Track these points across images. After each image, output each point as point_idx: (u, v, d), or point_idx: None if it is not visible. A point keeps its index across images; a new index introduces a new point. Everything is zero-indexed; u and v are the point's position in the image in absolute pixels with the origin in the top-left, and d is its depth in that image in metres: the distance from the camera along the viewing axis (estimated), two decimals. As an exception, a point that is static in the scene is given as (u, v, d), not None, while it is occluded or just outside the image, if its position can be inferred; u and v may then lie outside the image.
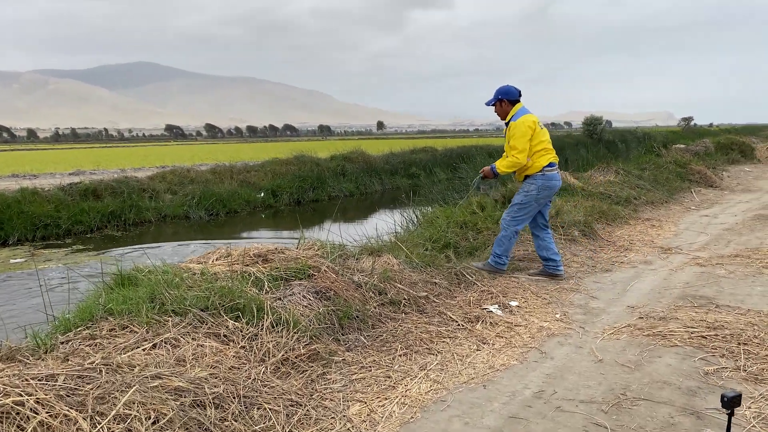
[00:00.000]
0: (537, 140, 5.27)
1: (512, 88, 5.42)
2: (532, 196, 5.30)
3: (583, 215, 7.76)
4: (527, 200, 5.31)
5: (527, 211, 5.37)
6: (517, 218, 5.38)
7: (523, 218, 5.40)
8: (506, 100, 5.39)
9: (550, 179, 5.35)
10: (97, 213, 13.07)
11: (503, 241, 5.40)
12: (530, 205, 5.34)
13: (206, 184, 16.27)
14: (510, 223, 5.40)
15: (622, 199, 9.45)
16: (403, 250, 5.31)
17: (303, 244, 4.98)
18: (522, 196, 5.34)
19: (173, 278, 3.61)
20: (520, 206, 5.35)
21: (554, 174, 5.40)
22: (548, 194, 5.42)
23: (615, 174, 11.35)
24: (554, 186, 5.42)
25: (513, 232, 5.41)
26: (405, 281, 4.52)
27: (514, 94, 5.40)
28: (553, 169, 5.37)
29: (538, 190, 5.29)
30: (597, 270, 5.85)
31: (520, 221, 5.40)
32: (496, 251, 5.45)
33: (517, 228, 5.43)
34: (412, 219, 9.01)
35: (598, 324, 4.17)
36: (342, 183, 19.26)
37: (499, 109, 5.44)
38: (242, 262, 4.22)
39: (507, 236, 5.39)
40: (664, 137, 36.55)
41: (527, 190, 5.32)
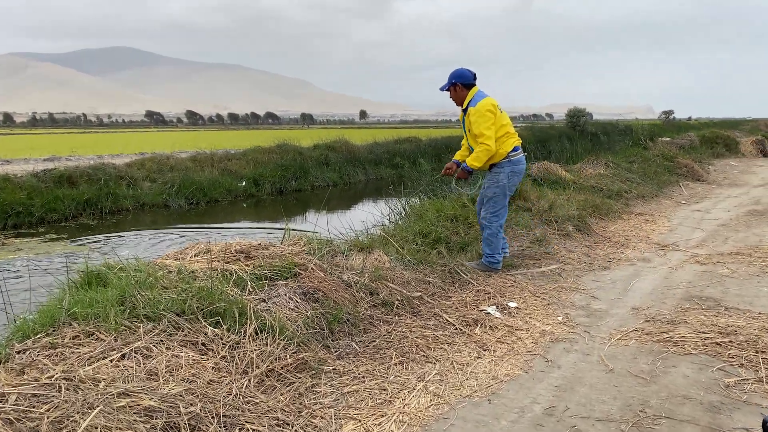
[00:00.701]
0: (499, 124, 4.96)
1: (466, 71, 5.06)
2: (503, 185, 5.04)
3: (577, 209, 7.53)
4: (499, 191, 5.07)
5: (503, 202, 5.14)
6: (497, 212, 5.13)
7: (502, 210, 5.16)
8: (460, 84, 5.03)
9: (517, 164, 5.10)
10: (72, 201, 12.58)
11: (491, 240, 5.13)
12: (503, 195, 5.11)
13: (186, 172, 15.81)
14: (492, 219, 5.12)
15: (613, 192, 9.25)
16: (393, 246, 5.02)
17: (288, 239, 4.66)
18: (493, 189, 5.09)
19: (146, 278, 3.28)
20: (494, 199, 5.10)
21: (521, 158, 5.17)
22: (518, 180, 5.21)
23: (605, 167, 11.14)
24: (522, 170, 5.22)
25: (497, 227, 5.14)
26: (397, 280, 4.23)
27: (469, 78, 5.04)
28: (518, 153, 5.14)
29: (507, 178, 5.04)
30: (595, 267, 5.62)
31: (500, 214, 5.15)
32: (486, 251, 5.19)
33: (500, 222, 5.16)
34: (400, 211, 8.72)
35: (603, 327, 3.92)
36: (325, 172, 18.90)
37: (454, 94, 5.10)
38: (223, 259, 3.90)
39: (493, 233, 5.11)
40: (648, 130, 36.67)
41: (496, 180, 5.05)
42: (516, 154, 5.09)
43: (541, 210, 7.09)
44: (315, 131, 55.78)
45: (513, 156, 5.06)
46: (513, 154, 5.06)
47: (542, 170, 9.49)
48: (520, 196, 7.29)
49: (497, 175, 5.04)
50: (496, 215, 5.10)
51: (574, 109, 44.59)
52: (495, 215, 5.10)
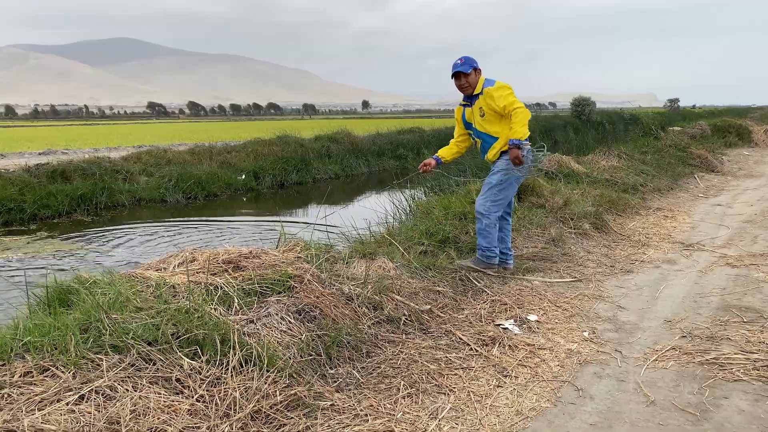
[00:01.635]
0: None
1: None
2: (512, 172, 4.62)
3: (593, 205, 7.09)
4: (507, 178, 4.63)
5: (508, 192, 4.73)
6: (498, 202, 4.70)
7: (503, 201, 4.74)
8: (479, 69, 4.70)
9: (530, 151, 4.68)
10: (66, 196, 12.18)
11: (488, 231, 4.71)
12: (511, 183, 4.69)
13: (184, 166, 15.39)
14: (491, 209, 4.68)
15: (629, 186, 8.79)
16: (398, 251, 4.59)
17: (283, 244, 4.24)
18: (500, 175, 4.64)
19: (117, 297, 2.86)
20: (499, 187, 4.66)
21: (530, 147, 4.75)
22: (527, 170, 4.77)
23: (618, 158, 10.68)
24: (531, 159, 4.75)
25: (495, 218, 4.72)
26: (404, 291, 3.80)
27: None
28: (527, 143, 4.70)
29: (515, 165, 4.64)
30: (617, 271, 5.18)
31: (500, 204, 4.73)
32: (482, 244, 4.76)
33: (497, 214, 4.74)
34: (404, 207, 8.29)
35: (635, 345, 3.49)
36: (327, 165, 18.45)
37: (471, 78, 4.66)
38: (208, 271, 3.47)
39: (490, 224, 4.70)
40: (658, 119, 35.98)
41: (506, 167, 4.60)
42: (527, 144, 4.67)
43: (556, 207, 6.65)
44: (317, 122, 55.26)
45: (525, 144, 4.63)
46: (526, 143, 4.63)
47: (553, 162, 9.04)
48: (534, 192, 6.85)
49: (507, 163, 4.59)
50: (496, 204, 4.69)
51: (579, 98, 44.05)
52: (495, 204, 4.69)
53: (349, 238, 6.75)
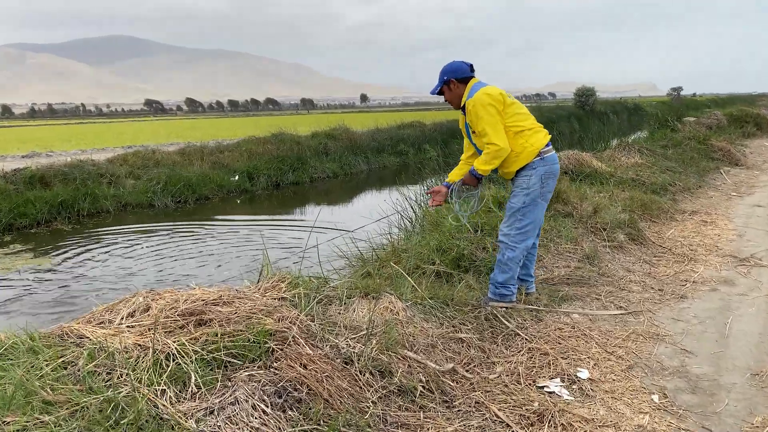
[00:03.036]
0: (512, 115, 3.71)
1: (460, 63, 3.87)
2: (536, 191, 3.71)
3: (624, 210, 6.25)
4: (532, 200, 3.73)
5: (535, 215, 3.79)
6: (525, 229, 3.77)
7: (532, 226, 3.81)
8: (455, 79, 3.82)
9: (552, 162, 3.78)
10: (45, 203, 11.34)
11: (509, 266, 3.80)
12: (536, 205, 3.76)
13: (173, 167, 14.54)
14: (518, 239, 3.77)
15: (657, 186, 7.93)
16: (408, 283, 3.74)
17: (266, 279, 3.39)
18: (522, 197, 3.74)
19: (20, 385, 2.02)
20: (523, 211, 3.75)
21: (554, 155, 3.84)
22: (553, 184, 3.85)
23: (639, 154, 9.82)
24: (557, 171, 3.86)
25: (522, 250, 3.80)
26: (418, 343, 2.96)
27: (465, 70, 3.83)
28: (550, 149, 3.81)
29: (541, 181, 3.71)
30: (667, 296, 4.34)
31: (529, 232, 3.79)
32: (497, 279, 3.85)
33: (527, 243, 3.81)
34: (409, 214, 7.44)
35: (726, 417, 2.65)
36: (325, 163, 17.59)
37: (449, 94, 3.88)
38: (163, 327, 2.64)
39: (514, 258, 3.78)
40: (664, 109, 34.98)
41: (527, 185, 3.72)
42: (549, 150, 3.79)
43: (585, 215, 5.80)
44: (315, 116, 54.41)
45: (546, 153, 3.75)
46: (546, 150, 3.75)
47: (573, 161, 8.17)
48: (559, 198, 5.99)
49: (528, 179, 3.72)
50: (523, 233, 3.76)
51: (582, 88, 43.18)
52: (522, 232, 3.76)
53: (348, 257, 5.93)
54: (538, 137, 3.70)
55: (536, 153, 3.67)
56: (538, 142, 3.68)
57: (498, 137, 3.61)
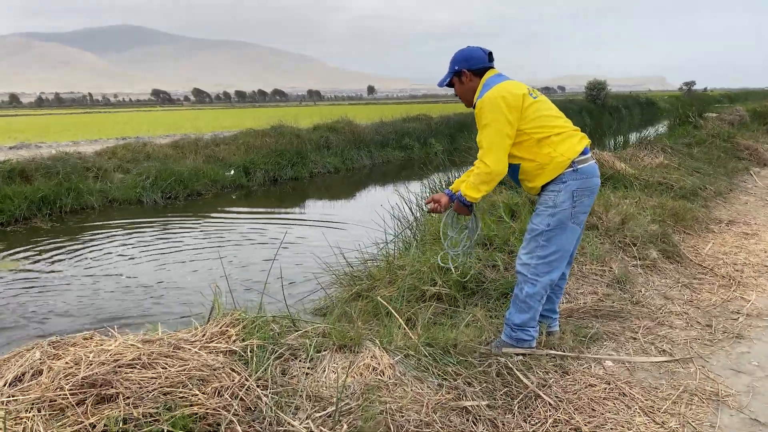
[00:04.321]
0: (534, 117, 2.87)
1: (475, 50, 3.05)
2: (566, 212, 2.89)
3: (654, 221, 5.45)
4: (559, 222, 2.90)
5: (562, 240, 2.95)
6: (549, 259, 2.95)
7: (559, 255, 2.98)
8: (467, 70, 3.01)
9: (589, 175, 2.92)
10: (24, 199, 10.63)
11: (529, 304, 3.01)
12: (564, 228, 2.92)
13: (165, 161, 13.79)
14: (539, 269, 2.97)
15: (687, 190, 7.11)
16: (398, 324, 2.95)
17: (214, 321, 2.62)
18: (546, 218, 2.92)
19: None
20: (548, 235, 2.93)
21: (592, 166, 2.96)
22: (590, 203, 2.98)
23: (663, 153, 8.98)
24: (596, 186, 3.00)
25: (545, 285, 3.00)
26: (410, 421, 2.19)
27: (481, 59, 3.02)
28: (587, 158, 2.94)
29: (573, 199, 2.88)
30: (718, 335, 3.54)
31: (554, 263, 2.98)
32: (513, 320, 3.07)
33: (551, 277, 3.00)
34: (409, 220, 6.66)
35: None
36: (326, 157, 16.82)
37: (460, 87, 3.08)
38: (50, 406, 1.88)
39: (535, 295, 2.99)
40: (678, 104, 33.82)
41: (554, 204, 2.90)
42: (585, 161, 2.92)
43: (612, 227, 5.00)
44: (320, 108, 53.61)
45: (581, 163, 2.89)
46: (582, 160, 2.89)
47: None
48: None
49: (554, 196, 2.89)
50: (546, 263, 2.96)
51: (594, 82, 42.23)
52: (545, 263, 2.96)
53: (336, 272, 5.16)
54: (569, 144, 2.87)
55: (567, 163, 2.83)
56: (569, 150, 2.85)
57: (493, 157, 2.83)
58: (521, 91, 2.87)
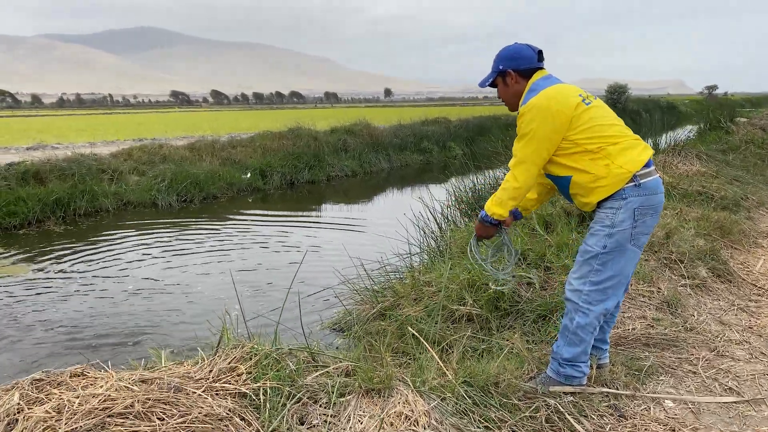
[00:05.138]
0: (587, 127, 2.47)
1: (523, 48, 2.68)
2: (625, 232, 2.49)
3: (698, 234, 5.05)
4: (617, 243, 2.51)
5: (620, 265, 2.56)
6: (604, 285, 2.57)
7: (616, 282, 2.58)
8: (513, 71, 2.64)
9: (652, 191, 2.51)
10: (38, 201, 10.45)
11: (580, 336, 2.63)
12: (623, 251, 2.53)
13: (181, 163, 13.57)
14: (593, 297, 2.58)
15: (728, 201, 6.68)
16: (431, 357, 2.60)
17: (223, 353, 2.30)
18: (602, 239, 2.53)
19: None
20: (603, 259, 2.54)
21: (656, 181, 2.55)
22: (652, 223, 2.58)
23: (699, 160, 8.54)
24: (659, 204, 2.57)
25: (598, 315, 2.61)
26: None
27: (529, 58, 2.65)
28: (650, 171, 2.54)
29: (634, 219, 2.49)
30: (788, 368, 3.15)
31: (609, 290, 2.58)
32: (562, 353, 2.69)
33: (606, 306, 2.61)
34: (433, 230, 6.30)
35: None
36: (343, 160, 16.52)
37: (504, 90, 2.71)
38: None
39: (587, 326, 2.61)
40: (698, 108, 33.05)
41: (612, 223, 2.50)
42: (649, 173, 2.52)
43: (656, 242, 4.61)
44: (337, 110, 53.45)
45: (644, 177, 2.49)
46: (644, 173, 2.49)
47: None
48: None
49: (612, 214, 2.50)
50: (601, 290, 2.57)
51: (615, 85, 41.60)
52: (600, 290, 2.57)
53: (356, 287, 4.83)
54: (630, 155, 2.47)
55: (629, 177, 2.45)
56: (630, 162, 2.46)
57: (524, 171, 2.51)
58: (574, 98, 2.50)
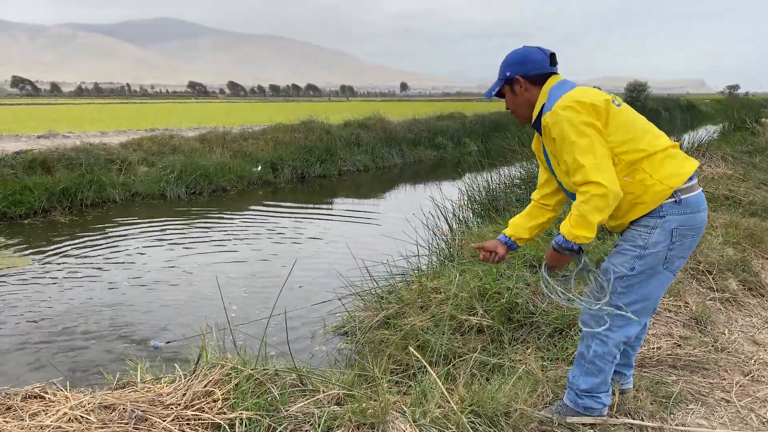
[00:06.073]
0: (625, 131, 2.15)
1: (533, 52, 2.32)
2: (659, 255, 2.18)
3: (726, 242, 4.72)
4: (647, 266, 2.20)
5: (649, 289, 2.25)
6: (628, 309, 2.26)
7: (639, 307, 2.27)
8: (522, 77, 2.29)
9: (695, 209, 2.17)
10: (45, 191, 10.32)
11: (598, 365, 2.34)
12: (653, 275, 2.22)
13: (191, 155, 13.39)
14: (616, 323, 2.29)
15: (757, 206, 6.32)
16: (438, 388, 2.31)
17: (201, 373, 2.04)
18: (631, 260, 2.21)
19: None
20: (629, 282, 2.23)
21: (699, 197, 2.19)
22: (691, 245, 2.24)
23: (725, 163, 8.17)
24: (701, 224, 2.21)
25: (618, 343, 2.31)
26: None
27: (540, 62, 2.29)
28: (693, 185, 2.18)
29: (671, 240, 2.16)
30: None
31: (632, 317, 2.26)
32: (579, 384, 2.38)
33: (627, 333, 2.30)
34: (443, 230, 6.02)
35: None
36: (356, 155, 16.26)
37: (513, 99, 2.35)
38: None
39: (605, 355, 2.32)
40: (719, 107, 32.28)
41: (643, 243, 2.18)
42: (691, 188, 2.17)
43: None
44: (352, 104, 53.17)
45: (686, 192, 2.15)
46: (686, 187, 2.15)
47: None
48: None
49: (647, 234, 2.18)
50: (621, 314, 2.26)
51: (634, 83, 40.97)
52: (621, 315, 2.26)
53: (360, 292, 4.57)
54: (671, 167, 2.14)
55: (669, 193, 2.11)
56: (672, 176, 2.12)
57: (602, 172, 2.05)
58: (603, 95, 2.20)
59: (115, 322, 5.05)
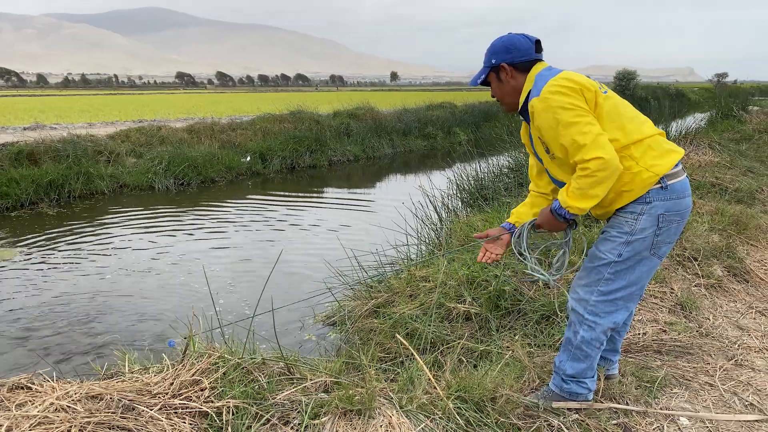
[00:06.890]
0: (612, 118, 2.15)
1: (518, 39, 2.31)
2: (646, 240, 2.19)
3: (712, 229, 4.77)
4: (634, 252, 2.21)
5: (636, 275, 2.26)
6: (614, 296, 2.28)
7: (626, 293, 2.29)
8: (508, 64, 2.29)
9: (680, 195, 2.19)
10: (31, 183, 10.22)
11: (584, 351, 2.36)
12: (640, 261, 2.24)
13: (179, 146, 13.31)
14: (598, 309, 2.30)
15: (743, 193, 6.39)
16: (425, 377, 2.33)
17: (188, 361, 2.05)
18: (618, 246, 2.23)
19: None
20: (616, 269, 2.25)
21: (683, 183, 2.21)
22: (677, 231, 2.25)
23: (712, 150, 8.23)
24: (686, 210, 2.23)
25: (605, 329, 2.33)
26: None
27: (525, 50, 2.28)
28: (678, 171, 2.20)
29: (657, 226, 2.17)
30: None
31: (620, 302, 2.30)
32: (565, 368, 2.41)
33: (614, 319, 2.31)
34: (433, 219, 6.03)
35: None
36: (346, 145, 16.21)
37: (499, 87, 2.35)
38: None
39: (592, 341, 2.33)
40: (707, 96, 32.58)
41: (631, 230, 2.19)
42: (677, 174, 2.19)
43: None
44: (341, 94, 52.93)
45: (672, 178, 2.17)
46: (672, 173, 2.17)
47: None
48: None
49: (633, 220, 2.19)
50: (611, 301, 2.29)
51: (623, 71, 41.06)
52: (609, 301, 2.29)
53: (350, 281, 4.58)
54: (656, 154, 2.16)
55: (655, 180, 2.13)
56: (658, 164, 2.14)
57: (598, 145, 2.03)
58: (591, 81, 2.20)
59: (102, 313, 5.04)
